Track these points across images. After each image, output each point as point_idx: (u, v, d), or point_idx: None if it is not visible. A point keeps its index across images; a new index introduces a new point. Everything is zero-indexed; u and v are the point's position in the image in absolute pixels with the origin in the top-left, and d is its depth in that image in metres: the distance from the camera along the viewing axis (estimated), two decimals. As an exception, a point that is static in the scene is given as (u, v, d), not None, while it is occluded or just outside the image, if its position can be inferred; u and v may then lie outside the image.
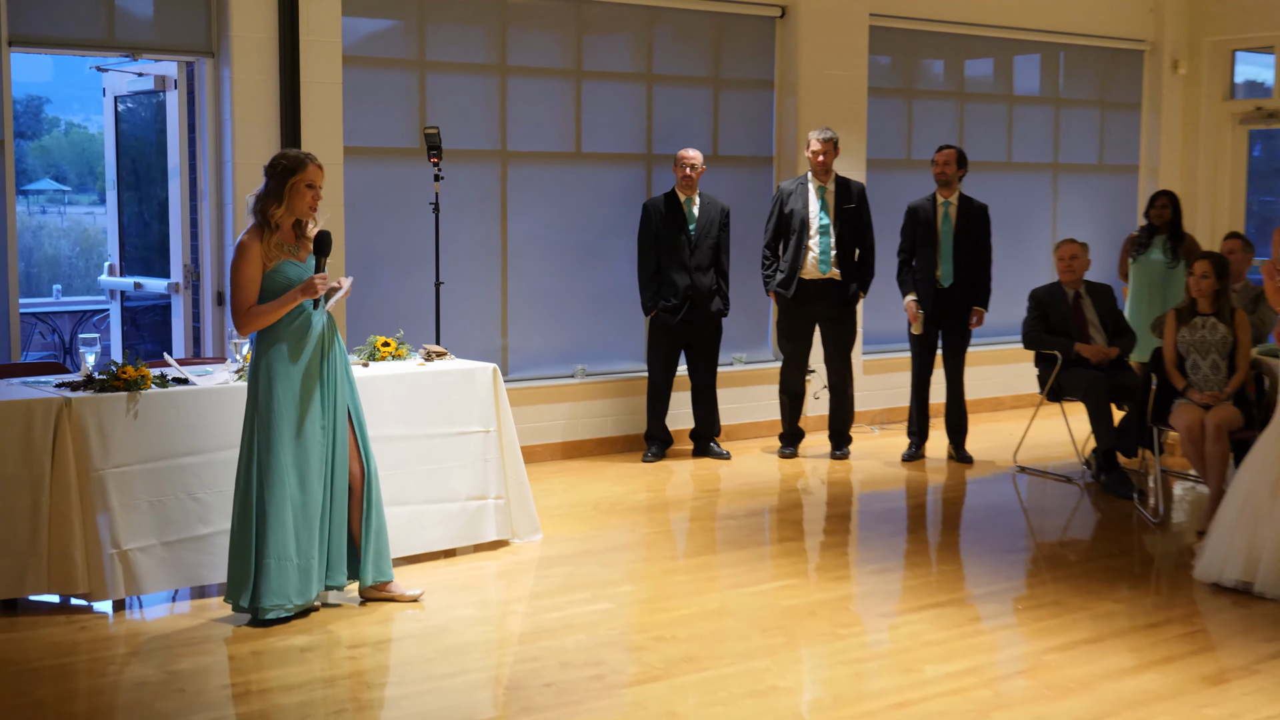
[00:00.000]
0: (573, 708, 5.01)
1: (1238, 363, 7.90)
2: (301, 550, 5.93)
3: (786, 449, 9.78)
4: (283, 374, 5.90)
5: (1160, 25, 12.91)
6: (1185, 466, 9.00)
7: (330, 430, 6.02)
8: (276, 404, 5.88)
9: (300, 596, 5.95)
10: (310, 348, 5.96)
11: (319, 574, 6.04)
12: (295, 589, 5.92)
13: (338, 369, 6.05)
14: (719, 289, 9.42)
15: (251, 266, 5.86)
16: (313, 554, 5.96)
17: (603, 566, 6.94)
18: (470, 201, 9.34)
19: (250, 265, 5.85)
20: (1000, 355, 11.69)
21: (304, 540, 5.94)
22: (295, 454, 5.92)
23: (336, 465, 6.06)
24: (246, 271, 5.86)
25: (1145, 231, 10.22)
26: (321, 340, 6.00)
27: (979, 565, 7.10)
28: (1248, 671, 5.46)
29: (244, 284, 5.86)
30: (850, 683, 5.37)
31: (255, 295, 5.86)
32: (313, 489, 5.96)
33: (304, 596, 5.96)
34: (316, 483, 5.97)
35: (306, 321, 5.95)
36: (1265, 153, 13.35)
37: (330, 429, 6.02)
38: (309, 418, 5.94)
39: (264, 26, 8.30)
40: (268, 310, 5.85)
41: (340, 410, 6.06)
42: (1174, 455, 9.27)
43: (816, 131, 9.43)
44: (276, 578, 5.86)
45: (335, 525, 6.08)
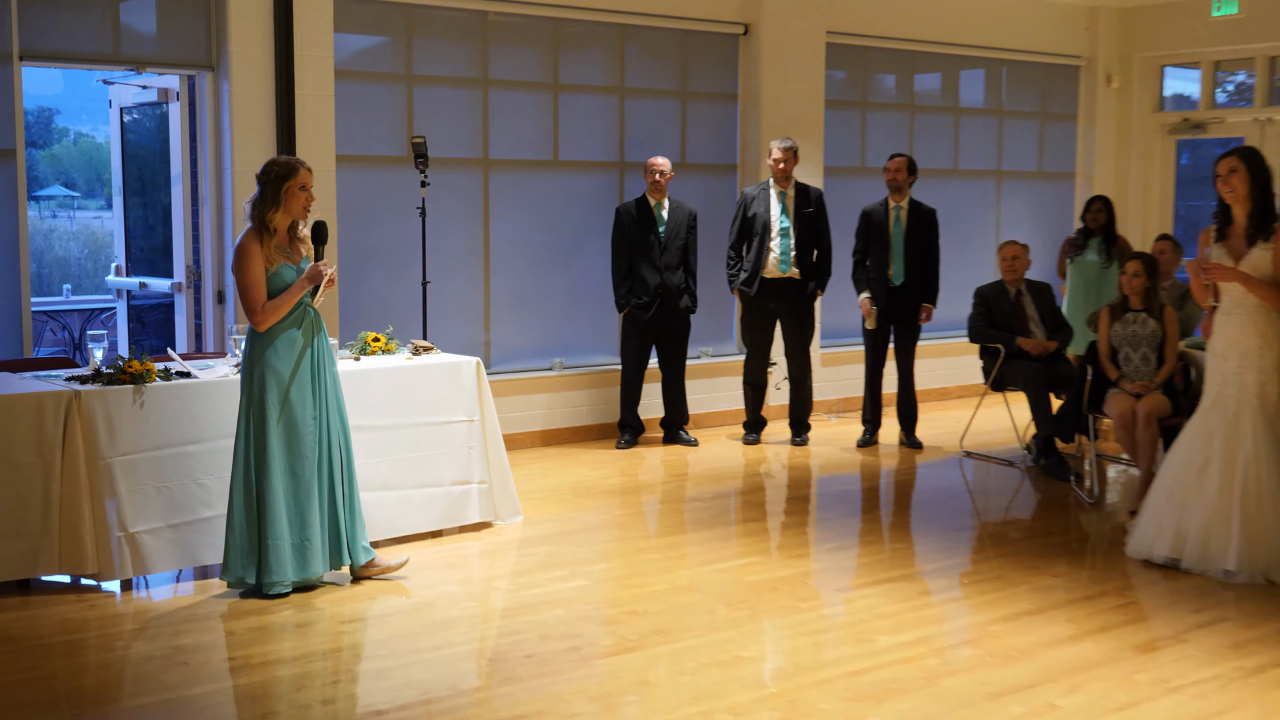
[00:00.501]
0: (552, 677, 5.01)
1: (1166, 355, 7.94)
2: (295, 531, 5.93)
3: (750, 436, 9.79)
4: (275, 368, 5.89)
5: (1095, 43, 12.96)
6: (1118, 451, 9.04)
7: (320, 420, 6.01)
8: (270, 396, 5.88)
9: (297, 574, 5.95)
10: (301, 343, 5.95)
11: (323, 552, 6.04)
12: (292, 567, 5.93)
13: (325, 362, 6.05)
14: (687, 287, 9.43)
15: (257, 267, 5.85)
16: (308, 534, 5.95)
17: (579, 546, 6.94)
18: (455, 206, 9.32)
19: (256, 266, 5.85)
20: (947, 348, 11.72)
21: (296, 522, 5.94)
22: (288, 443, 5.91)
23: (333, 453, 6.05)
24: (255, 272, 5.84)
25: (1081, 234, 10.25)
26: (311, 335, 5.99)
27: (928, 543, 7.12)
28: (1176, 640, 5.49)
29: (254, 284, 5.85)
30: (809, 652, 5.38)
31: (265, 293, 5.86)
32: (306, 474, 5.95)
33: (301, 574, 5.95)
34: (310, 469, 5.96)
35: (298, 318, 5.95)
36: (1192, 161, 13.41)
37: (320, 418, 6.01)
38: (301, 408, 5.93)
39: (261, 42, 8.27)
40: (281, 303, 5.87)
41: (330, 401, 6.05)
42: (1107, 441, 9.31)
43: (777, 141, 9.43)
44: (275, 558, 5.86)
45: (338, 509, 6.08)
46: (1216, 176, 6.38)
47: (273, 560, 5.87)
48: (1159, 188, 13.16)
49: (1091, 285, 10.01)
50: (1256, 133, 12.25)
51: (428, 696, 4.83)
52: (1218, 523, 6.34)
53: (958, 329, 10.97)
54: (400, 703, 4.77)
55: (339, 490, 6.08)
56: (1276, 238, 6.26)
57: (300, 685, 4.96)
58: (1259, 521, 6.28)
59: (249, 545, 5.91)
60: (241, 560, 5.92)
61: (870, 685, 4.94)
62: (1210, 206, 6.58)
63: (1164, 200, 13.18)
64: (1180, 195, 13.28)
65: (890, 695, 4.84)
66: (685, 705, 4.74)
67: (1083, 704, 4.77)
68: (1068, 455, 8.99)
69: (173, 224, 8.73)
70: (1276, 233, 6.27)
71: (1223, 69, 12.88)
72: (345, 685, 5.00)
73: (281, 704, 4.79)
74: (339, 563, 6.13)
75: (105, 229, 22.17)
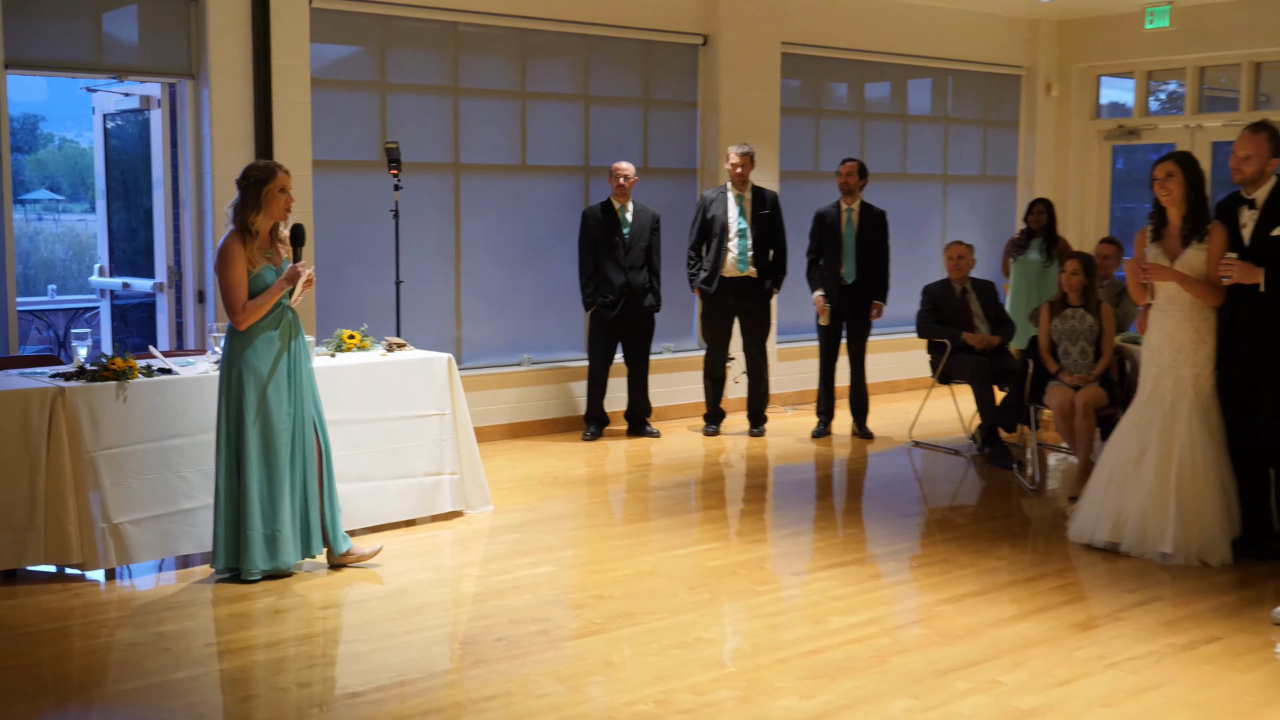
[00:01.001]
0: (521, 659, 4.99)
1: (1103, 349, 7.99)
2: (267, 522, 5.91)
3: (710, 427, 9.78)
4: (253, 366, 5.86)
5: (1035, 53, 13.02)
6: (1058, 440, 9.08)
7: (295, 416, 5.97)
8: (248, 393, 5.84)
9: (267, 563, 5.93)
10: (278, 342, 5.92)
11: (295, 543, 6.01)
12: (263, 557, 5.91)
13: (301, 361, 6.01)
14: (651, 286, 9.41)
15: (239, 268, 5.81)
16: (279, 525, 5.93)
17: (547, 534, 6.92)
18: (427, 208, 9.27)
19: (238, 267, 5.81)
20: (897, 343, 11.76)
21: (269, 514, 5.91)
22: (264, 438, 5.88)
23: (307, 448, 6.02)
24: (237, 273, 5.81)
25: (1024, 234, 10.30)
26: (288, 335, 5.96)
27: (879, 528, 7.14)
28: (1113, 619, 5.52)
29: (236, 284, 5.82)
30: (767, 633, 5.38)
31: (247, 293, 5.83)
32: (279, 468, 5.92)
33: (271, 563, 5.94)
34: (283, 463, 5.93)
35: (276, 319, 5.92)
36: (1127, 165, 13.49)
37: (295, 414, 5.97)
38: (276, 405, 5.90)
39: (239, 51, 8.20)
40: (260, 303, 5.84)
41: (305, 398, 6.01)
42: (1048, 430, 9.36)
43: (735, 146, 9.43)
44: (247, 547, 5.86)
45: (309, 502, 6.05)
46: (1154, 180, 6.41)
47: (249, 549, 5.86)
48: (1096, 190, 13.24)
49: (1034, 283, 10.06)
50: (1187, 138, 12.34)
51: (402, 679, 4.80)
52: (1155, 508, 6.38)
53: (906, 325, 11.00)
54: (375, 685, 4.74)
55: (311, 483, 6.05)
56: (1209, 238, 6.30)
57: (279, 669, 4.92)
58: (1193, 507, 6.33)
59: (229, 535, 5.89)
60: (226, 549, 5.91)
61: (824, 664, 4.94)
62: (1144, 208, 6.62)
63: (1100, 202, 13.26)
64: (1116, 197, 13.36)
65: (843, 673, 4.84)
66: (649, 685, 4.73)
67: (1025, 679, 4.79)
68: (1010, 444, 9.03)
69: (154, 226, 8.66)
70: (1209, 234, 6.31)
71: (1155, 78, 12.96)
72: (322, 669, 4.97)
73: (261, 687, 4.75)
74: (311, 552, 6.10)
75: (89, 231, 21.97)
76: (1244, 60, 11.98)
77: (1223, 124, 12.10)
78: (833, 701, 4.58)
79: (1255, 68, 11.98)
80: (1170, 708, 4.55)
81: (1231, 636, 5.29)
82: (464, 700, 4.59)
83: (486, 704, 4.55)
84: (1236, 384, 6.34)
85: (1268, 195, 6.22)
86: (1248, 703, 4.60)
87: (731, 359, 9.89)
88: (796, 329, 11.19)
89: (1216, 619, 5.51)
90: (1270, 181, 6.25)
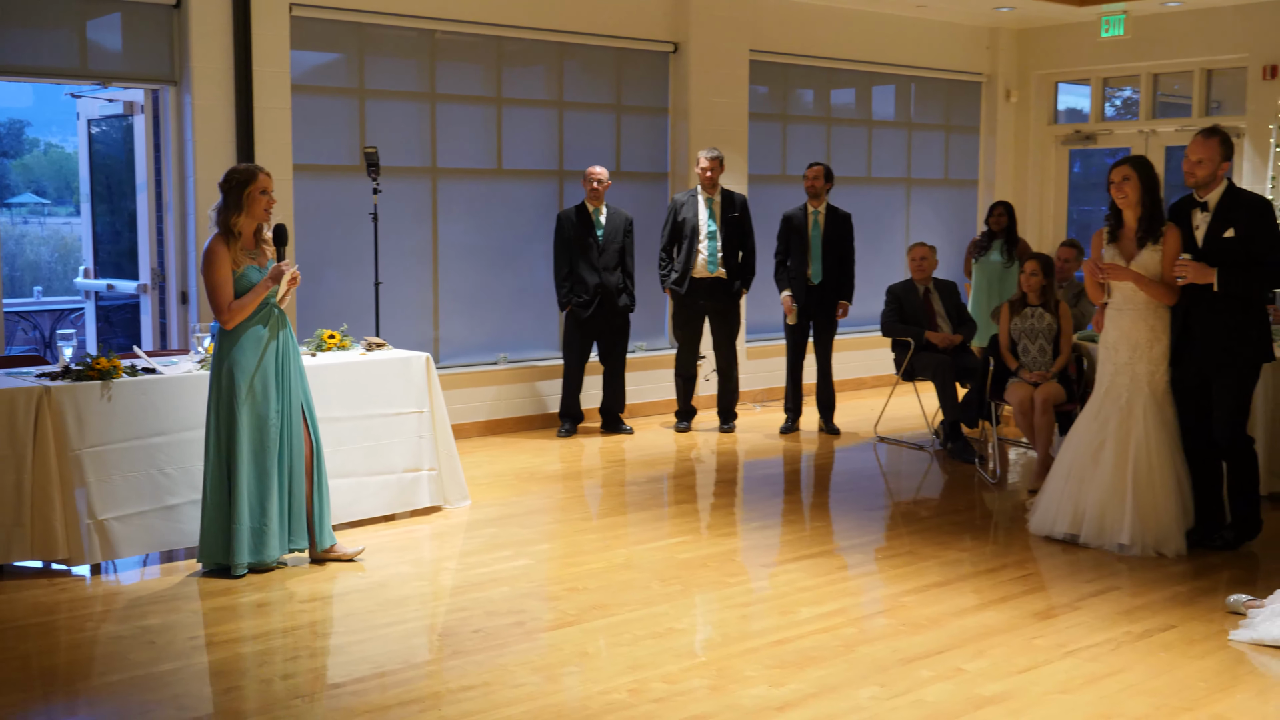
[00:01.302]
0: (498, 650, 4.97)
1: (1061, 347, 8.02)
2: (254, 516, 5.89)
3: (681, 424, 9.78)
4: (243, 365, 5.83)
5: (995, 61, 13.07)
6: (1018, 435, 9.13)
7: (284, 414, 5.94)
8: (237, 392, 5.81)
9: (254, 556, 5.91)
10: (266, 342, 5.89)
11: (280, 538, 5.99)
12: (249, 550, 5.88)
13: (290, 360, 5.98)
14: (625, 287, 9.40)
15: (224, 268, 5.80)
16: (266, 520, 5.90)
17: (523, 528, 6.90)
18: (405, 212, 9.24)
19: (223, 268, 5.80)
20: (862, 342, 11.78)
21: (256, 509, 5.89)
22: (252, 435, 5.85)
23: (294, 445, 5.99)
24: (222, 273, 5.79)
25: (985, 236, 10.33)
26: (276, 335, 5.93)
27: (845, 521, 7.15)
28: (1072, 608, 5.55)
29: (221, 285, 5.80)
30: (737, 624, 5.38)
31: (232, 293, 5.80)
32: (268, 465, 5.89)
33: (256, 556, 5.91)
34: (271, 459, 5.90)
35: (263, 318, 5.89)
36: (1083, 169, 13.56)
37: (284, 413, 5.94)
38: (265, 403, 5.87)
39: (221, 58, 8.15)
40: (246, 302, 5.82)
41: (294, 397, 5.99)
42: (1008, 426, 9.40)
43: (705, 150, 9.43)
44: (236, 540, 5.83)
45: (295, 498, 6.02)
46: (1110, 183, 6.44)
47: (235, 543, 5.83)
48: (1054, 194, 13.30)
49: (995, 283, 10.10)
50: (1141, 143, 12.41)
51: (382, 670, 4.78)
52: (1112, 501, 6.41)
53: (871, 324, 11.02)
54: (356, 676, 4.72)
55: (299, 478, 6.02)
56: (1164, 240, 6.33)
57: (262, 661, 4.89)
58: (1150, 499, 6.36)
59: (218, 532, 5.86)
60: (214, 545, 5.88)
61: (793, 653, 4.95)
62: (1101, 211, 6.66)
63: (1058, 205, 13.32)
64: (1073, 200, 13.43)
65: (811, 662, 4.85)
66: (622, 674, 4.72)
67: (987, 667, 4.81)
68: (972, 439, 9.06)
69: (138, 229, 8.61)
70: (1164, 235, 6.34)
71: (1111, 85, 13.03)
72: (304, 660, 4.94)
73: (244, 679, 4.72)
74: (297, 545, 6.07)
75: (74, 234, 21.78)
76: (1196, 67, 12.06)
77: (1176, 129, 12.18)
78: (801, 690, 4.58)
79: (1207, 75, 12.06)
80: (1127, 694, 4.57)
81: (1186, 625, 5.32)
82: (442, 690, 4.58)
83: (464, 694, 4.53)
84: (1190, 381, 6.37)
85: (1219, 198, 6.26)
86: (1202, 688, 4.63)
87: (702, 357, 9.89)
88: (765, 328, 11.20)
89: (1172, 608, 5.54)
90: (1222, 185, 6.29)
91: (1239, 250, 6.15)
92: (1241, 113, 11.67)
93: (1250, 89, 11.53)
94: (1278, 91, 11.24)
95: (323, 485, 6.13)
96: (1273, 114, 11.23)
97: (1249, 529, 6.47)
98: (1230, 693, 4.59)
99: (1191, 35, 11.88)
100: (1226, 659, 4.94)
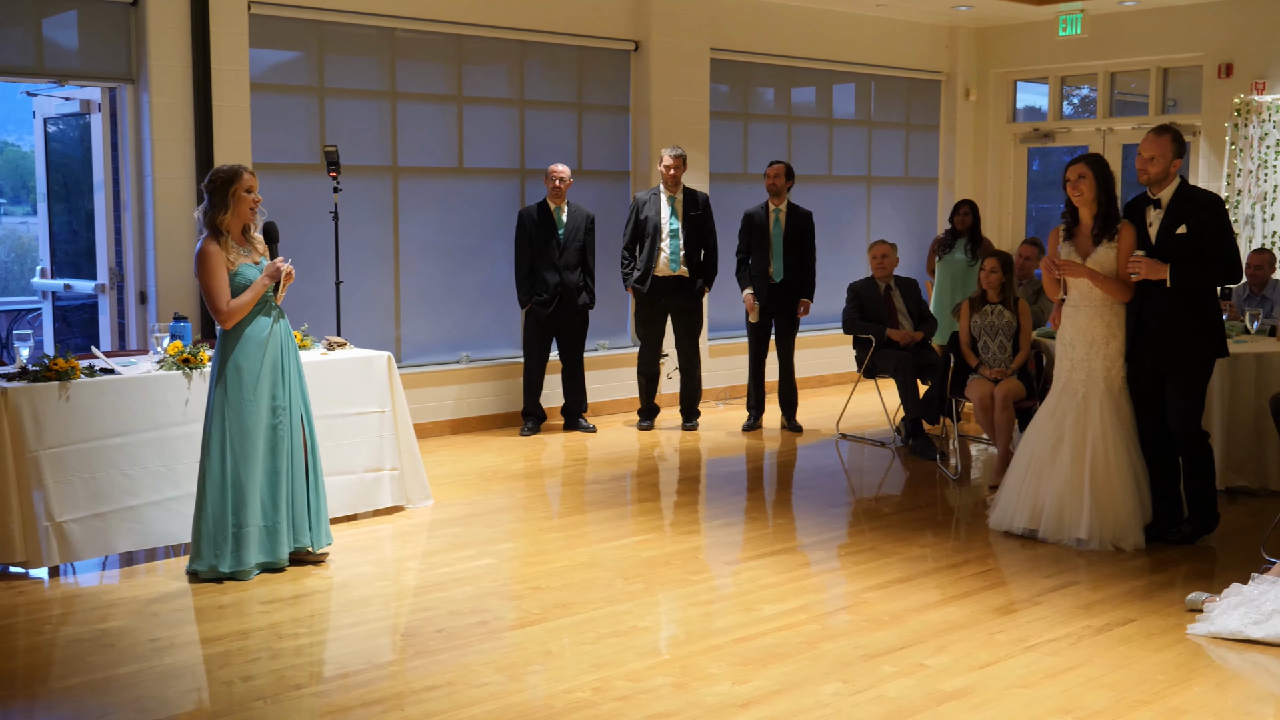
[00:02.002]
0: (461, 650, 4.96)
1: (1021, 344, 8.08)
2: (267, 515, 5.87)
3: (644, 422, 9.79)
4: (248, 366, 5.81)
5: (954, 59, 13.14)
6: (978, 431, 9.18)
7: (289, 409, 5.93)
8: (243, 391, 5.79)
9: (268, 555, 5.89)
10: (267, 340, 5.86)
11: (288, 536, 5.96)
12: (262, 549, 5.87)
13: (291, 357, 5.97)
14: (585, 285, 9.39)
15: (220, 269, 5.77)
16: (278, 519, 5.89)
17: (486, 527, 6.89)
18: (366, 210, 9.19)
19: (219, 268, 5.77)
20: (824, 339, 11.82)
21: (270, 508, 5.87)
22: (268, 434, 5.85)
23: (294, 443, 5.96)
24: (218, 274, 5.76)
25: (949, 234, 10.40)
26: (276, 332, 5.90)
27: (808, 518, 7.17)
28: (1032, 603, 5.59)
29: (219, 286, 5.77)
30: (700, 621, 5.39)
31: (229, 293, 5.78)
32: (278, 463, 5.89)
33: (272, 555, 5.90)
34: (283, 458, 5.90)
35: (265, 316, 5.87)
36: (1042, 167, 13.65)
37: (289, 408, 5.93)
38: (269, 400, 5.86)
39: (179, 56, 8.09)
40: (244, 301, 5.80)
41: (294, 394, 5.97)
42: (969, 422, 9.45)
43: (668, 149, 9.44)
44: (248, 542, 5.80)
45: (296, 494, 6.00)
46: (1066, 181, 6.48)
47: (246, 544, 5.80)
48: (1013, 191, 13.39)
49: (959, 281, 10.17)
50: (1099, 141, 12.51)
51: (344, 671, 4.76)
52: (1070, 496, 6.46)
53: (833, 321, 11.06)
54: (318, 677, 4.70)
55: (308, 475, 6.03)
56: (1119, 237, 6.39)
57: (223, 663, 4.86)
58: (1107, 494, 6.41)
59: (222, 533, 5.79)
60: (214, 547, 5.79)
61: (756, 650, 4.96)
62: (1059, 208, 6.70)
63: (1017, 202, 13.41)
64: (1032, 198, 13.52)
65: (774, 659, 4.86)
66: (586, 673, 4.72)
67: (949, 662, 4.84)
68: (933, 436, 9.11)
69: (95, 229, 8.53)
70: (1119, 232, 6.40)
71: (1069, 83, 13.13)
72: (266, 662, 4.91)
73: (205, 681, 4.69)
74: (299, 543, 6.04)
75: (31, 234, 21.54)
76: (1152, 66, 12.17)
77: (1132, 127, 12.28)
78: (764, 686, 4.59)
79: (1163, 73, 12.18)
80: (1087, 687, 4.61)
81: (1145, 618, 5.37)
82: (405, 691, 4.56)
83: (428, 694, 4.52)
84: (1146, 376, 6.43)
85: (1172, 195, 6.32)
86: (1161, 681, 4.67)
87: (665, 355, 9.90)
88: (727, 326, 11.22)
89: (1130, 602, 5.59)
90: (1175, 182, 6.35)
91: (1191, 246, 6.22)
92: (1197, 111, 11.78)
93: (1206, 88, 11.65)
94: (1233, 90, 11.36)
95: (319, 482, 6.12)
96: (1228, 112, 11.35)
97: (1206, 523, 6.53)
98: (1188, 685, 4.64)
99: (1148, 34, 11.99)
100: (1185, 652, 4.99)
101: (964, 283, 10.10)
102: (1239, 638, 5.06)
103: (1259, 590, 5.23)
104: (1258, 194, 11.14)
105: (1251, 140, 11.19)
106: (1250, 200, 11.19)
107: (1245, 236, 11.13)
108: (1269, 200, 11.08)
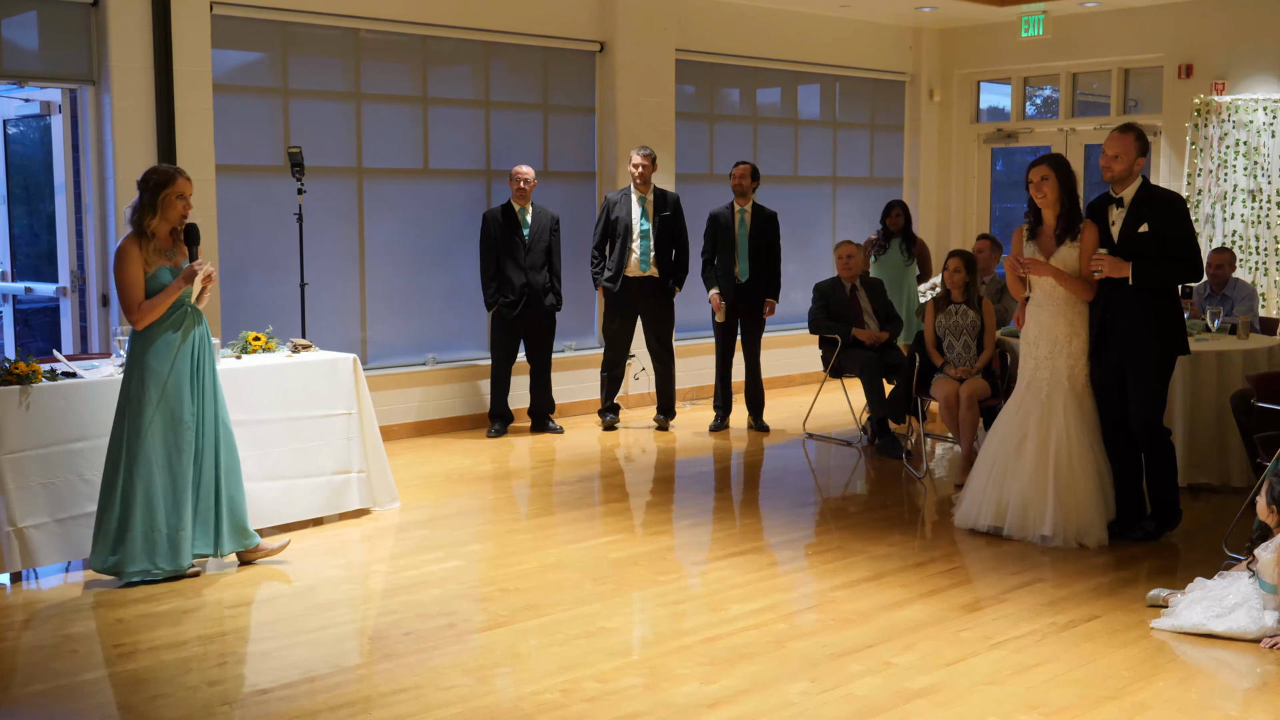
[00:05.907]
0: (429, 653, 4.94)
1: (985, 343, 8.12)
2: (169, 523, 5.79)
3: (608, 417, 9.76)
4: (155, 369, 5.74)
5: (918, 60, 13.21)
6: (944, 430, 9.22)
7: (198, 416, 5.86)
8: (149, 394, 5.73)
9: (169, 563, 5.81)
10: (179, 342, 5.80)
11: (204, 541, 5.92)
12: (164, 556, 5.79)
13: (205, 360, 5.90)
14: (552, 286, 9.38)
15: (134, 268, 5.72)
16: (180, 525, 5.81)
17: (453, 529, 6.87)
18: (330, 212, 9.15)
19: (133, 267, 5.72)
20: (790, 339, 11.85)
21: (171, 514, 5.80)
22: (166, 437, 5.77)
23: (205, 447, 5.90)
24: (132, 272, 5.72)
25: (883, 235, 10.48)
26: (190, 335, 5.84)
27: (775, 518, 7.19)
28: (998, 600, 5.62)
29: (131, 284, 5.73)
30: (669, 621, 5.39)
31: (143, 293, 5.72)
32: (183, 467, 5.81)
33: (173, 563, 5.82)
34: (187, 462, 5.81)
35: (177, 319, 5.81)
36: (1006, 167, 13.74)
37: (198, 415, 5.86)
38: (179, 404, 5.78)
39: (140, 58, 8.03)
40: (157, 302, 5.74)
41: (208, 398, 5.90)
42: (934, 421, 9.50)
43: (638, 149, 9.45)
44: (145, 547, 5.72)
45: (203, 500, 5.92)
46: (1029, 182, 6.53)
47: (142, 549, 5.72)
48: (976, 191, 13.47)
49: (896, 281, 10.24)
50: (1061, 141, 12.60)
51: (311, 675, 4.73)
52: (1035, 493, 6.50)
53: (799, 321, 11.09)
54: (285, 681, 4.66)
55: (220, 481, 5.94)
56: (1082, 237, 6.43)
57: (188, 668, 4.82)
58: (1071, 491, 6.45)
59: (117, 532, 5.74)
60: (110, 547, 5.74)
61: (725, 650, 4.96)
62: (1022, 208, 6.73)
63: (981, 202, 13.49)
64: (995, 198, 13.61)
65: (743, 659, 4.87)
66: (554, 674, 4.72)
67: (916, 660, 4.86)
68: (899, 435, 9.14)
69: (57, 231, 8.46)
70: (1082, 233, 6.44)
71: (1031, 84, 13.21)
72: (231, 666, 4.88)
73: (170, 686, 4.65)
74: (221, 550, 5.98)
75: (-9, 236, 21.29)
76: (1114, 67, 12.26)
77: (1094, 127, 12.38)
78: (733, 686, 4.60)
79: (1124, 74, 12.27)
80: (1053, 684, 4.64)
81: (1109, 615, 5.40)
82: (373, 694, 4.54)
83: (395, 697, 4.50)
84: (1109, 374, 6.47)
85: (1134, 194, 6.37)
86: (1125, 677, 4.71)
87: (632, 356, 9.90)
88: (693, 326, 11.22)
89: (1095, 598, 5.63)
90: (1137, 181, 6.40)
91: (1153, 245, 6.27)
92: (1158, 111, 11.88)
93: (1167, 88, 11.74)
94: (1193, 90, 11.47)
95: (237, 487, 6.04)
96: (1188, 112, 11.45)
97: (1169, 519, 6.58)
98: (1153, 681, 4.67)
99: (1109, 35, 12.08)
100: (1149, 648, 5.02)
101: (902, 282, 10.22)
102: (1202, 631, 5.11)
103: (1222, 585, 5.27)
104: (1218, 193, 11.25)
105: (1211, 140, 11.30)
106: (1210, 199, 11.29)
107: (1206, 235, 11.23)
108: (1229, 200, 11.18)
